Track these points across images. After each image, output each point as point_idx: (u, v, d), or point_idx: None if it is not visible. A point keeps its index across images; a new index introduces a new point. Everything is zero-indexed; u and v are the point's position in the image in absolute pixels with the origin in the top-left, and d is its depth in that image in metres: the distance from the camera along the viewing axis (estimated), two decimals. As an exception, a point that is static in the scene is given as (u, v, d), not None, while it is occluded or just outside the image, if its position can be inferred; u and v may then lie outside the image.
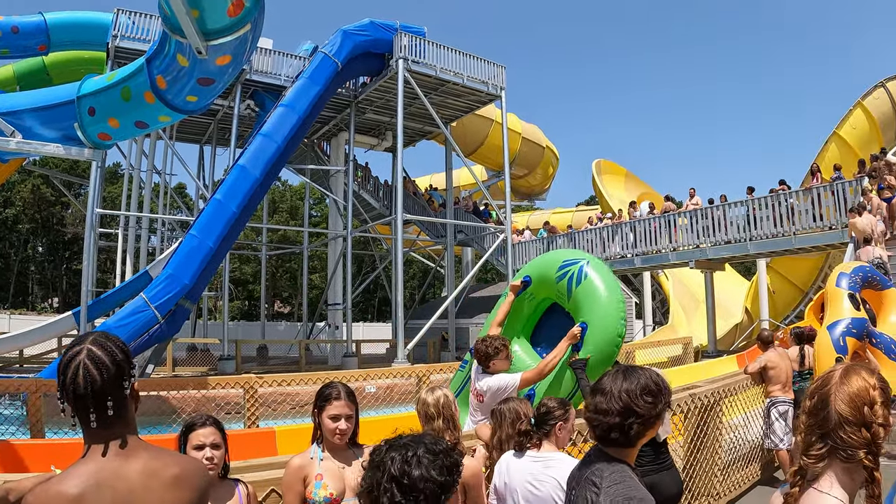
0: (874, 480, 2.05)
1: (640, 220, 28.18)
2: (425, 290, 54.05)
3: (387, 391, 16.64)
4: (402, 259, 27.65)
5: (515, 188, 42.93)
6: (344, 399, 3.85)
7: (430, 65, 27.67)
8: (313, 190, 39.86)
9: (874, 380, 2.13)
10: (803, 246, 23.26)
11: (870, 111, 30.20)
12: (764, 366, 9.98)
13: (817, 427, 2.13)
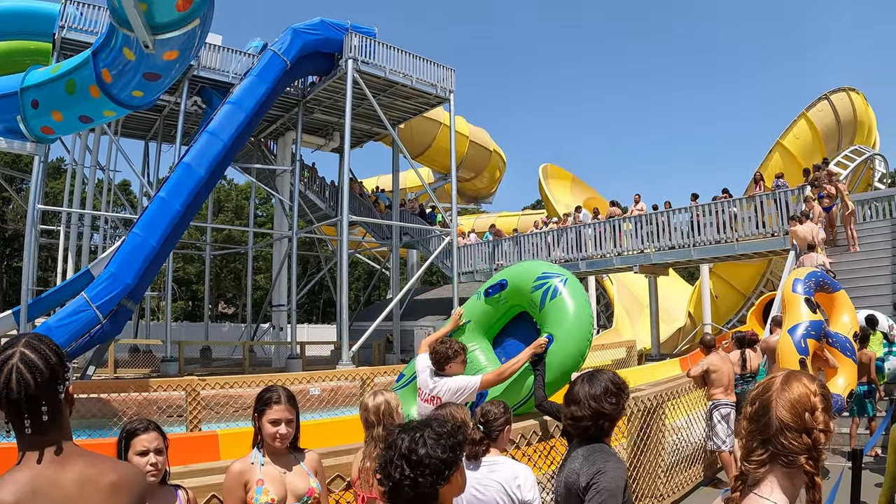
0: (815, 485, 2.08)
1: (585, 225, 28.50)
2: (370, 291, 54.06)
3: (331, 394, 16.63)
4: (347, 260, 27.68)
5: (462, 191, 43.27)
6: (284, 403, 3.83)
7: (380, 66, 27.71)
8: (259, 190, 39.64)
9: (815, 386, 2.16)
10: (746, 252, 23.86)
11: (813, 122, 30.90)
12: (706, 369, 10.19)
13: (758, 433, 2.15)
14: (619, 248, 26.98)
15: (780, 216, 22.27)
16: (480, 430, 4.29)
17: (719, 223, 24.04)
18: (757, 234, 23.06)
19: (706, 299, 31.98)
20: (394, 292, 34.78)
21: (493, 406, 4.49)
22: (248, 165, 32.20)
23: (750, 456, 2.14)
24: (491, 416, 4.35)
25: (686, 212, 25.20)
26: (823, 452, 2.11)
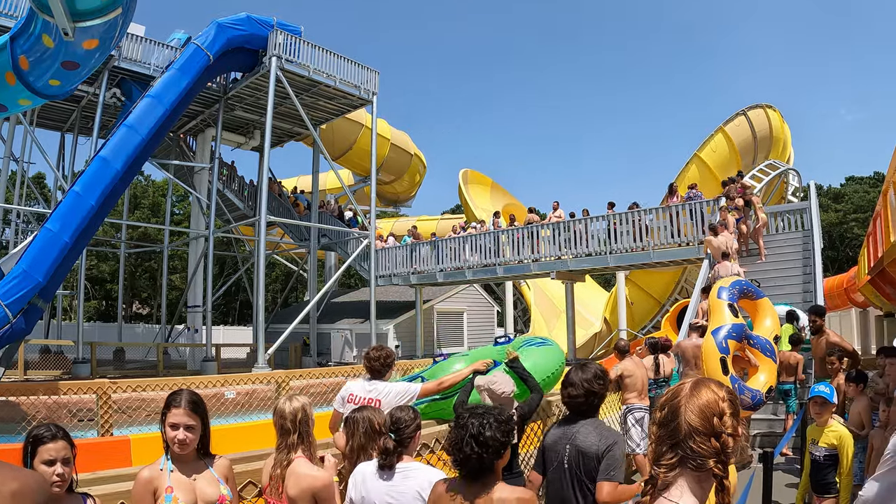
0: (724, 489, 2.13)
1: (503, 231, 28.86)
2: (288, 293, 53.73)
3: (247, 397, 16.56)
4: (264, 261, 27.67)
5: (381, 194, 43.53)
6: (184, 407, 3.76)
7: (304, 65, 27.81)
8: (176, 187, 39.19)
9: (723, 392, 2.22)
10: (661, 260, 24.42)
11: (730, 136, 31.96)
12: (620, 374, 10.62)
13: (668, 437, 2.19)
14: (536, 254, 27.35)
15: (694, 226, 22.89)
16: (392, 439, 4.26)
17: (635, 232, 24.58)
18: (672, 243, 23.69)
19: (622, 305, 32.62)
20: (311, 294, 34.83)
21: (402, 412, 4.46)
22: (167, 161, 31.54)
23: (660, 460, 2.19)
24: (402, 423, 4.34)
25: (603, 220, 25.68)
26: (732, 456, 2.17)
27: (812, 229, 20.89)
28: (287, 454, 4.36)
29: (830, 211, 69.83)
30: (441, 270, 30.73)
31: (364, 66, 30.51)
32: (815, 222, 21.13)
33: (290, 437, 4.41)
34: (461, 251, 30.01)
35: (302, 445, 4.41)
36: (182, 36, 28.26)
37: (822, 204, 63.32)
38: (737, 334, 10.89)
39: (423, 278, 31.66)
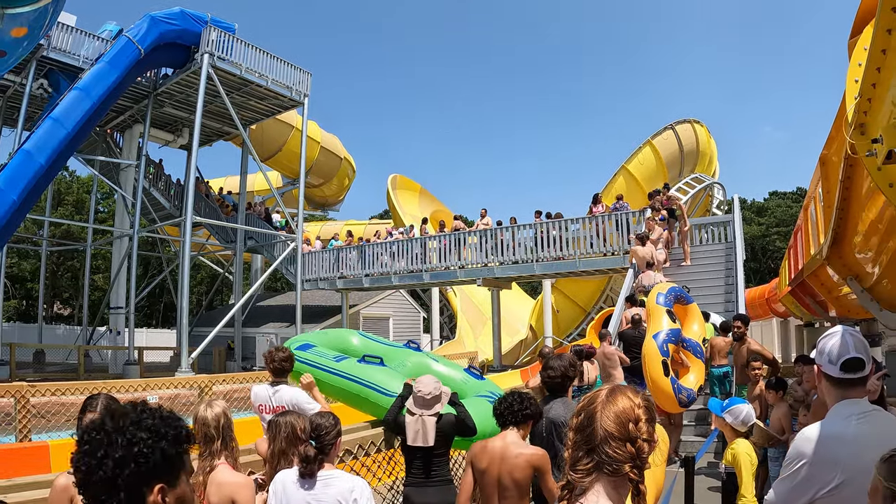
0: (640, 493, 2.16)
1: (430, 237, 29.11)
2: (213, 296, 53.22)
3: (170, 402, 16.37)
4: (189, 263, 27.40)
5: (310, 197, 43.40)
6: (100, 412, 3.56)
7: (236, 63, 27.68)
8: (102, 184, 38.50)
9: (639, 399, 2.25)
10: (587, 269, 24.93)
11: (658, 150, 32.48)
12: (545, 381, 10.67)
13: (584, 442, 2.20)
14: (463, 260, 27.58)
15: (620, 236, 23.33)
16: (313, 446, 4.23)
17: (562, 240, 24.95)
18: (598, 252, 24.10)
19: (548, 313, 32.96)
20: (236, 297, 34.56)
21: (322, 419, 4.43)
22: (92, 157, 30.66)
23: (576, 465, 2.21)
24: (322, 430, 4.32)
25: (530, 228, 26.11)
26: (647, 461, 2.19)
27: (735, 241, 21.35)
28: (210, 461, 4.33)
29: (754, 224, 71.59)
30: (367, 275, 30.82)
31: (297, 67, 30.54)
32: (738, 235, 21.60)
33: (213, 444, 4.39)
34: (387, 257, 30.14)
35: (225, 451, 4.41)
36: (114, 28, 27.55)
37: (746, 217, 64.69)
38: (674, 338, 12.45)
39: (349, 283, 31.74)
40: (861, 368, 3.11)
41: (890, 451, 2.32)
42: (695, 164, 35.39)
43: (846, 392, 3.15)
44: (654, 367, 11.93)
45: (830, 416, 3.18)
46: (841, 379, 3.13)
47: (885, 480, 2.25)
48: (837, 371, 3.11)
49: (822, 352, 3.20)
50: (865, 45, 3.76)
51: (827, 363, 3.16)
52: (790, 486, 3.13)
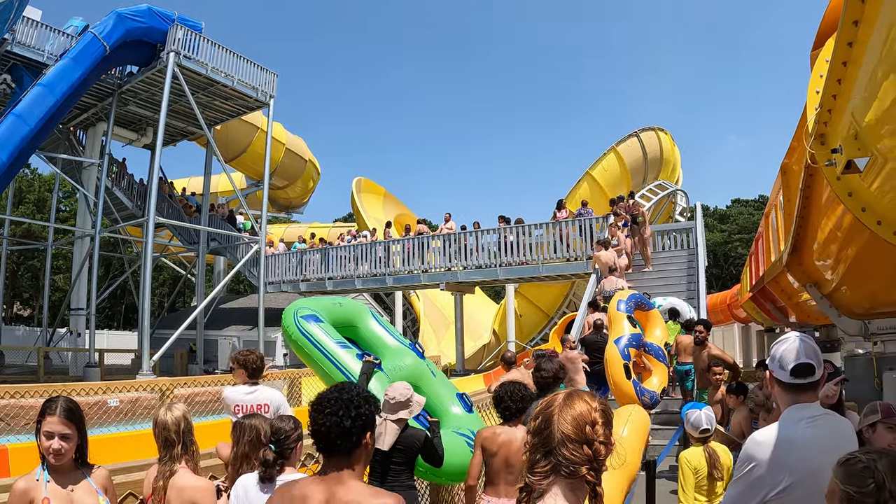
0: (597, 495, 2.18)
1: (394, 241, 29.18)
2: (175, 298, 52.75)
3: (130, 405, 16.23)
4: (151, 264, 27.29)
5: (274, 199, 43.24)
6: (59, 416, 3.60)
7: (202, 62, 27.53)
8: (64, 182, 38.04)
9: (595, 403, 2.28)
10: (550, 274, 25.09)
11: (622, 156, 32.88)
12: (507, 385, 10.72)
13: (542, 445, 2.21)
14: (426, 265, 27.67)
15: (583, 242, 23.49)
16: (272, 451, 4.20)
17: (525, 245, 25.09)
18: (561, 257, 24.26)
19: (511, 317, 33.15)
20: (199, 300, 34.15)
21: (283, 422, 4.39)
22: (54, 155, 30.28)
23: (534, 468, 2.21)
24: (282, 434, 4.27)
25: (493, 233, 26.20)
26: (604, 464, 2.23)
27: (697, 248, 21.65)
28: (170, 465, 4.28)
29: (716, 231, 72.40)
30: (330, 279, 30.83)
31: (263, 68, 30.46)
32: (701, 241, 21.89)
33: (174, 448, 4.32)
34: (351, 259, 30.17)
35: (185, 456, 4.35)
36: (80, 23, 27.29)
37: (709, 224, 65.33)
38: (635, 343, 13.05)
39: (312, 286, 31.66)
40: (811, 374, 3.21)
41: (847, 455, 2.39)
42: (658, 171, 35.82)
43: (797, 397, 3.26)
44: (615, 371, 12.40)
45: (781, 420, 3.28)
46: (791, 384, 3.24)
47: (841, 483, 2.31)
48: (788, 376, 3.22)
49: (774, 357, 3.31)
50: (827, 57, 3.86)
51: (778, 368, 3.27)
52: (742, 487, 3.22)
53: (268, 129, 31.80)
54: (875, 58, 2.90)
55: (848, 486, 2.27)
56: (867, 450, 2.39)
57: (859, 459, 2.31)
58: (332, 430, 2.93)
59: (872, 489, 2.21)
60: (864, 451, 2.36)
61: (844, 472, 2.32)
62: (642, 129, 35.00)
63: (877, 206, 3.58)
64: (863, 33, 3.03)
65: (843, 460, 2.37)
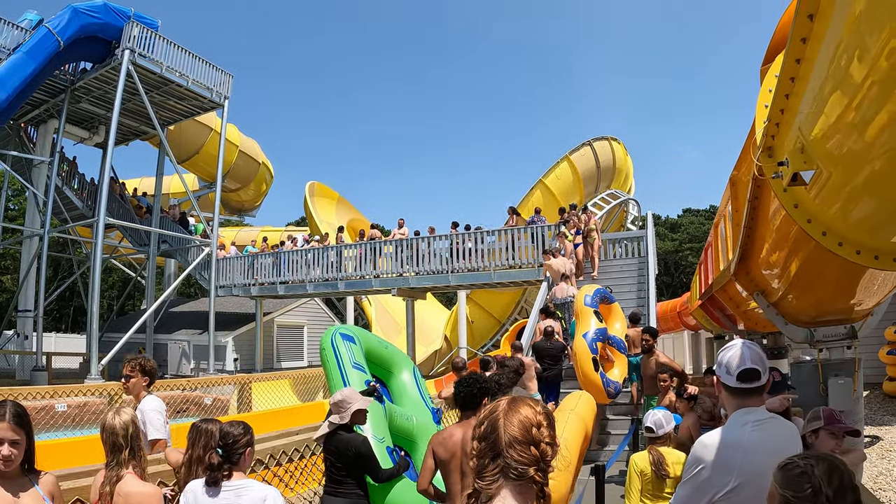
0: (545, 495, 2.19)
1: (346, 246, 29.14)
2: (124, 301, 52.14)
3: (79, 410, 16.05)
4: (100, 266, 26.75)
5: (226, 201, 43.21)
6: (8, 421, 3.49)
7: (157, 61, 27.32)
8: (13, 180, 37.50)
9: (539, 408, 2.29)
10: (501, 280, 25.08)
11: (575, 165, 33.12)
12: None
13: (489, 449, 2.21)
14: (378, 270, 27.64)
15: (535, 249, 23.59)
16: (219, 455, 4.18)
17: (477, 252, 25.21)
18: (512, 264, 24.39)
19: (462, 324, 33.27)
20: (148, 303, 33.70)
21: (232, 427, 4.33)
22: (4, 152, 29.16)
23: (483, 472, 2.21)
24: (230, 439, 4.22)
25: (446, 239, 26.28)
26: (551, 465, 2.22)
27: (648, 256, 21.84)
28: (117, 470, 4.22)
29: (667, 240, 73.13)
30: (282, 283, 30.72)
31: (218, 69, 30.38)
32: (651, 250, 22.10)
33: (122, 453, 4.27)
34: (303, 264, 30.08)
35: (133, 461, 4.29)
36: (34, 17, 26.77)
37: (660, 233, 66.08)
38: (602, 337, 14.25)
39: (263, 290, 31.60)
40: (757, 378, 3.34)
41: (786, 459, 2.48)
42: (611, 180, 36.15)
43: (743, 401, 3.39)
44: (585, 364, 13.54)
45: (728, 423, 3.40)
46: (738, 388, 3.37)
47: (780, 487, 2.40)
48: (735, 381, 3.35)
49: (721, 363, 3.44)
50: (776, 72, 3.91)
51: (725, 374, 3.40)
52: (690, 489, 3.32)
53: (221, 131, 31.65)
54: (822, 74, 2.97)
55: (786, 491, 2.37)
56: (806, 454, 2.48)
57: (797, 464, 2.40)
58: (468, 396, 5.58)
59: (809, 494, 2.30)
60: (802, 456, 2.45)
61: (783, 476, 2.42)
62: (596, 139, 35.25)
63: (822, 217, 3.66)
64: (811, 50, 3.10)
65: (782, 465, 2.47)
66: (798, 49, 3.17)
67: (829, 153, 3.13)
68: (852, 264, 3.66)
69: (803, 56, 3.19)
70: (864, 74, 2.51)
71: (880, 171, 2.82)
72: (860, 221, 3.39)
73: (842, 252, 3.58)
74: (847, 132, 2.86)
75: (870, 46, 2.41)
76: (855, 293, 5.54)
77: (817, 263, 4.95)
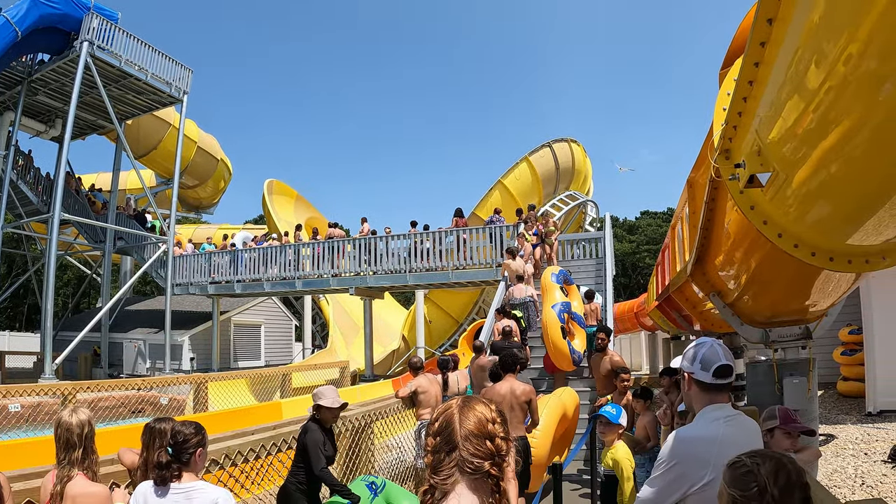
0: (500, 489, 2.20)
1: (304, 244, 29.00)
2: (79, 299, 51.58)
3: (32, 410, 15.91)
4: (55, 262, 26.35)
5: (184, 198, 42.92)
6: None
7: (116, 54, 26.98)
8: (-35, 173, 36.97)
9: (493, 406, 2.35)
10: (459, 280, 25.24)
11: (535, 166, 33.20)
12: (415, 390, 10.87)
13: (445, 444, 2.24)
14: (336, 269, 27.57)
15: (493, 249, 23.70)
16: (169, 454, 4.06)
17: (435, 252, 25.31)
18: (470, 264, 24.54)
19: (420, 323, 33.44)
20: (104, 301, 33.23)
21: (184, 426, 4.22)
22: None
23: (438, 467, 2.23)
24: (180, 437, 4.10)
25: (404, 238, 26.34)
26: (506, 460, 2.24)
27: (605, 257, 22.08)
28: (69, 470, 4.15)
29: (625, 241, 74.19)
30: (239, 281, 30.50)
31: (178, 63, 30.12)
32: (609, 251, 22.37)
33: (74, 452, 4.19)
34: (261, 262, 29.88)
35: (85, 462, 4.22)
36: (-8, 6, 26.49)
37: (618, 235, 66.71)
38: (566, 309, 15.91)
39: (220, 289, 31.34)
40: (730, 374, 3.42)
41: (734, 458, 2.51)
42: (570, 182, 36.39)
43: (714, 397, 3.46)
44: (554, 332, 15.21)
45: (700, 418, 3.46)
46: (712, 384, 3.43)
47: (727, 486, 2.43)
48: (710, 377, 3.42)
49: (695, 359, 3.49)
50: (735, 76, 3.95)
51: (700, 370, 3.45)
52: (663, 483, 3.35)
53: (180, 126, 31.46)
54: (780, 78, 3.00)
55: (733, 490, 2.39)
56: (753, 453, 2.49)
57: (744, 463, 2.42)
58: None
59: (755, 493, 2.32)
60: (749, 455, 2.47)
61: (730, 475, 2.45)
62: (555, 140, 35.47)
63: (777, 219, 3.70)
64: (769, 54, 3.13)
65: (730, 463, 2.50)
66: (757, 53, 3.21)
67: (786, 156, 3.17)
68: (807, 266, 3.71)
69: (762, 60, 3.22)
70: (821, 79, 2.54)
71: (836, 174, 2.87)
72: (816, 224, 3.44)
73: (797, 254, 3.63)
74: (804, 136, 2.90)
75: (827, 52, 2.45)
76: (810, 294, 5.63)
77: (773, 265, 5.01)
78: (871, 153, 2.59)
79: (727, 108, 3.93)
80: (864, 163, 2.67)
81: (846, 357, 16.49)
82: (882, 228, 3.06)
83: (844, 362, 16.64)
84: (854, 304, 15.23)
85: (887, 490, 8.82)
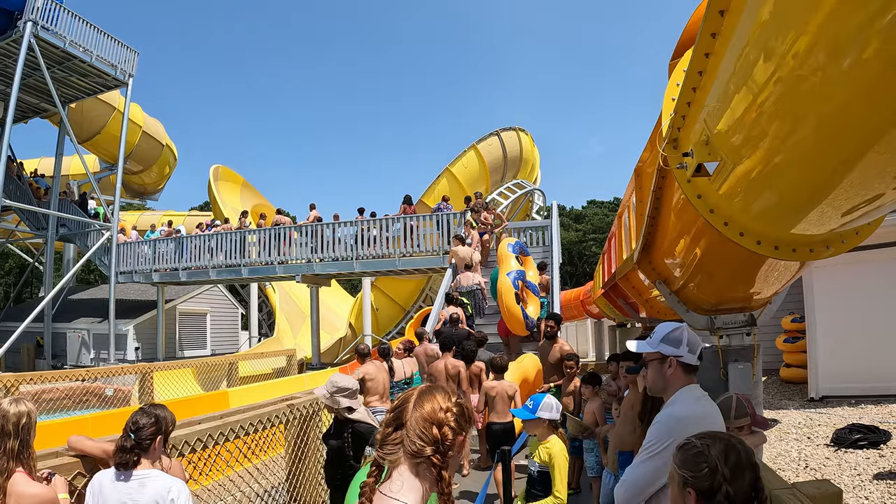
0: (442, 478, 2.21)
1: (250, 231, 28.75)
2: (21, 288, 50.93)
3: None
4: (-4, 250, 25.94)
5: (128, 184, 42.44)
6: None
7: (61, 35, 26.46)
8: None
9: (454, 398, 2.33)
10: (406, 268, 25.37)
11: (482, 154, 33.26)
12: (362, 377, 10.86)
13: (394, 420, 2.27)
14: (282, 256, 27.46)
15: (440, 237, 23.74)
16: (132, 438, 4.05)
17: (382, 239, 25.32)
18: (417, 251, 24.63)
19: (367, 311, 33.34)
20: (47, 290, 32.76)
21: (141, 417, 4.20)
22: None
23: (385, 440, 2.25)
24: (139, 426, 4.11)
25: (352, 225, 26.27)
26: (450, 452, 2.24)
27: (552, 245, 22.24)
28: (5, 462, 3.97)
29: (572, 230, 74.50)
30: (185, 269, 30.24)
31: (124, 45, 29.66)
32: (556, 239, 22.61)
33: (9, 442, 4.00)
34: (206, 250, 29.63)
35: (21, 456, 4.04)
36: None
37: (565, 223, 67.09)
38: (521, 277, 17.08)
39: (165, 277, 31.05)
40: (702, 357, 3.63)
41: (684, 440, 2.56)
42: (517, 170, 36.56)
43: (691, 378, 3.61)
44: (508, 298, 16.32)
45: (683, 399, 3.55)
46: (694, 366, 3.61)
47: (678, 468, 2.48)
48: (695, 359, 3.59)
49: (681, 343, 3.60)
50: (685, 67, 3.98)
51: (687, 353, 3.57)
52: (660, 462, 3.36)
53: (125, 110, 31.08)
54: (729, 69, 3.03)
55: (684, 471, 2.44)
56: (702, 434, 2.54)
57: (694, 444, 2.48)
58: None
59: (706, 473, 2.37)
60: (699, 436, 2.52)
61: (681, 456, 2.50)
62: (504, 129, 35.60)
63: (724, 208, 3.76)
64: (719, 45, 3.16)
65: (680, 445, 2.55)
66: (707, 44, 3.23)
67: (733, 146, 3.21)
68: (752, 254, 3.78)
69: (712, 51, 3.24)
70: (770, 71, 2.58)
71: (781, 164, 2.92)
72: (761, 212, 3.50)
73: (742, 242, 3.69)
74: (750, 126, 2.94)
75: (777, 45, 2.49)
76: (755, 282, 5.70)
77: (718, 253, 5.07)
78: (816, 145, 2.63)
79: (676, 98, 3.98)
80: (809, 155, 2.72)
81: (789, 344, 16.79)
82: (825, 219, 3.12)
83: (787, 349, 16.93)
84: (797, 293, 15.49)
85: (830, 472, 9.02)
